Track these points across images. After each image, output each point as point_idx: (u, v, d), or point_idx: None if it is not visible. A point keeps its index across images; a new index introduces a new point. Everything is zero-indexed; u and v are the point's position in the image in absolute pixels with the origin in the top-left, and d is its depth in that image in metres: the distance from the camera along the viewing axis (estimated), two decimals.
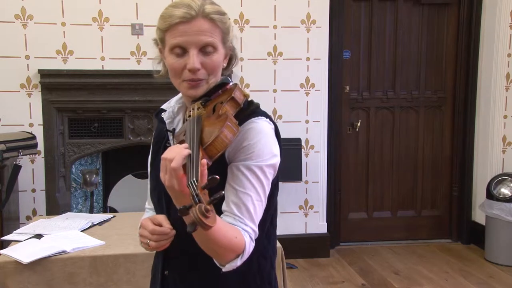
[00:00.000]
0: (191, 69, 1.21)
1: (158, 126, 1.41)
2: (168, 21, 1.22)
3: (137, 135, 3.76)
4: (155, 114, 1.39)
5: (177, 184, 1.03)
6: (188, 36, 1.20)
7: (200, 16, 1.20)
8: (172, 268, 1.32)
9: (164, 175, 1.05)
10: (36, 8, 3.57)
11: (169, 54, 1.24)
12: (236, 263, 1.16)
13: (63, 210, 3.53)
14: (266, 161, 1.19)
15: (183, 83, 1.25)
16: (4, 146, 3.21)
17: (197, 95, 1.24)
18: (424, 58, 4.35)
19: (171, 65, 1.24)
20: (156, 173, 1.31)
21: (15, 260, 2.11)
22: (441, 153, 4.48)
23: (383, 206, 4.45)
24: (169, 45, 1.23)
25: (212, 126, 1.12)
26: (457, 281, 3.66)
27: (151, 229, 1.20)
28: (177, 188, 1.03)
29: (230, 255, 1.15)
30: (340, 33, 4.10)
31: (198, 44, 1.21)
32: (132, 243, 2.30)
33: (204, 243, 1.14)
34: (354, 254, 4.17)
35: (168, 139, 1.33)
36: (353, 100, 4.30)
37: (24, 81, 3.60)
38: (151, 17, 3.68)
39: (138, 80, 3.64)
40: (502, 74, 4.12)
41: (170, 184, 1.04)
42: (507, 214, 3.82)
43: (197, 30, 1.20)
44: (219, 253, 1.14)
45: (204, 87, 1.25)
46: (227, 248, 1.13)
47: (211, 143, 1.07)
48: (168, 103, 1.39)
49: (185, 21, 1.20)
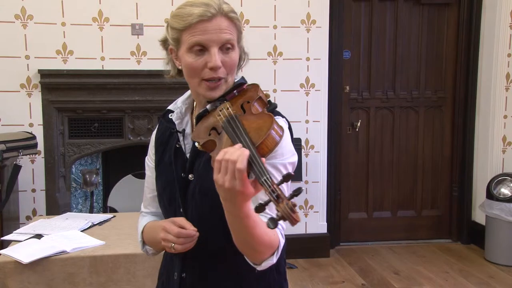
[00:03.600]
0: (213, 67, 1.20)
1: (161, 127, 1.39)
2: (187, 20, 1.20)
3: (137, 135, 3.76)
4: (162, 115, 1.38)
5: (240, 184, 1.00)
6: (209, 34, 1.20)
7: (219, 14, 1.21)
8: (191, 271, 1.31)
9: (223, 176, 1.02)
10: (36, 8, 3.57)
11: (186, 53, 1.23)
12: (273, 260, 1.17)
13: (63, 210, 3.53)
14: (289, 159, 1.21)
15: (202, 83, 1.24)
16: (4, 146, 3.21)
17: (216, 96, 1.24)
18: (424, 58, 4.35)
19: (189, 64, 1.23)
20: (166, 175, 1.32)
21: (15, 260, 2.10)
22: (441, 153, 4.48)
23: (383, 206, 4.45)
24: (187, 43, 1.22)
25: (255, 125, 1.11)
26: (457, 281, 3.66)
27: (177, 232, 1.20)
28: (239, 188, 1.01)
29: (267, 253, 1.16)
30: (340, 33, 4.10)
31: (219, 41, 1.21)
32: (132, 243, 2.29)
33: (246, 242, 1.13)
34: (354, 254, 4.17)
35: (178, 140, 1.32)
36: (353, 100, 4.30)
37: (24, 81, 3.60)
38: (151, 17, 3.69)
39: (138, 80, 3.64)
40: (502, 74, 4.12)
41: (231, 185, 1.01)
42: (507, 214, 3.82)
43: (218, 28, 1.20)
44: (259, 251, 1.15)
45: (223, 87, 1.25)
46: (266, 245, 1.14)
47: (263, 141, 1.06)
48: (174, 104, 1.38)
49: (205, 19, 1.19)
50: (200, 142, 1.18)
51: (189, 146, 1.30)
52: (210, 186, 1.19)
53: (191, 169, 1.27)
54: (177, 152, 1.31)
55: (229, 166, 1.01)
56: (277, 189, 0.96)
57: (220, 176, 1.02)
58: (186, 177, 1.28)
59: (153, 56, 3.68)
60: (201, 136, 1.19)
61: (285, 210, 0.93)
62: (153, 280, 2.16)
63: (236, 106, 1.20)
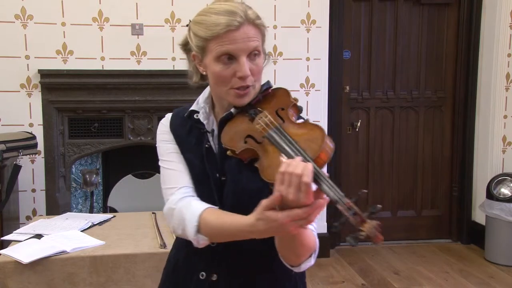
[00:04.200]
0: (243, 76, 1.20)
1: (176, 122, 1.35)
2: (215, 30, 1.19)
3: (137, 135, 3.75)
4: (187, 115, 1.33)
5: (305, 197, 1.02)
6: (238, 43, 1.19)
7: (246, 22, 1.20)
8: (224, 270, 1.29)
9: (287, 188, 1.02)
10: (36, 8, 3.57)
11: (214, 62, 1.22)
12: (311, 262, 1.19)
13: (63, 210, 3.53)
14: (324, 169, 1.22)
15: (230, 91, 1.23)
16: (4, 146, 3.21)
17: (245, 103, 1.24)
18: (424, 58, 4.35)
19: (218, 73, 1.22)
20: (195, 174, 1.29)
21: (15, 260, 2.10)
22: (441, 153, 4.48)
23: (383, 206, 4.42)
24: (215, 53, 1.21)
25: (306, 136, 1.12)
26: (457, 281, 3.66)
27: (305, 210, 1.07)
28: (303, 201, 1.02)
29: (307, 254, 1.18)
30: (340, 33, 4.10)
31: (247, 50, 1.20)
32: (132, 243, 2.30)
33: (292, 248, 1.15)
34: (354, 254, 4.17)
35: (208, 140, 1.30)
36: (353, 100, 4.30)
37: (24, 81, 3.60)
38: (151, 17, 3.68)
39: (138, 80, 3.64)
40: (502, 74, 4.12)
41: (296, 197, 1.02)
42: (507, 214, 3.82)
43: (246, 36, 1.20)
44: (301, 253, 1.16)
45: (251, 94, 1.25)
46: (310, 247, 1.16)
47: (319, 155, 1.07)
48: (196, 104, 1.35)
49: (233, 29, 1.18)
50: (236, 150, 1.18)
51: (216, 146, 1.30)
52: (244, 187, 1.22)
53: (222, 170, 1.27)
54: (208, 152, 1.29)
55: (293, 179, 1.01)
56: (353, 207, 0.98)
57: (284, 188, 1.03)
58: (219, 178, 1.27)
59: (153, 56, 3.68)
60: (236, 144, 1.20)
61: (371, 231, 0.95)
62: (153, 280, 2.17)
63: (273, 114, 1.20)
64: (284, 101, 1.24)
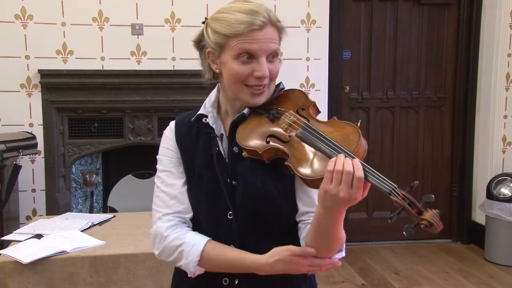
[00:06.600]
0: (261, 76, 1.22)
1: (182, 129, 1.33)
2: (238, 28, 1.19)
3: (137, 135, 3.75)
4: (194, 119, 1.31)
5: (357, 193, 1.04)
6: (260, 43, 1.20)
7: (269, 23, 1.22)
8: (243, 275, 1.27)
9: (336, 187, 1.04)
10: (36, 8, 3.57)
11: (233, 59, 1.22)
12: (342, 253, 1.22)
13: (63, 210, 3.53)
14: None
15: (245, 89, 1.24)
16: (4, 146, 3.21)
17: (260, 103, 1.26)
18: (424, 58, 4.35)
19: (235, 70, 1.22)
20: (207, 180, 1.27)
21: (15, 260, 2.10)
22: (441, 153, 4.48)
23: (383, 206, 4.44)
24: (235, 50, 1.21)
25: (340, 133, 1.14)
26: (457, 281, 3.66)
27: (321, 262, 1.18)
28: (355, 197, 1.05)
29: (339, 248, 1.20)
30: (340, 33, 4.10)
31: (268, 51, 1.22)
32: (132, 243, 2.29)
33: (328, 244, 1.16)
34: (354, 254, 4.17)
35: (217, 145, 1.28)
36: (353, 100, 4.30)
37: (24, 81, 3.60)
38: (151, 17, 3.68)
39: (138, 80, 3.64)
40: (502, 74, 4.12)
41: (348, 194, 1.04)
42: (507, 214, 3.81)
43: (268, 37, 1.22)
44: (333, 248, 1.18)
45: (266, 94, 1.26)
46: (341, 241, 1.18)
47: (357, 151, 1.09)
48: (203, 107, 1.33)
49: (257, 29, 1.19)
50: (259, 150, 1.18)
51: (226, 151, 1.29)
52: (258, 191, 1.23)
53: (233, 174, 1.27)
54: (218, 157, 1.28)
55: (344, 176, 1.03)
56: (409, 197, 1.01)
57: (333, 186, 1.05)
58: (231, 182, 1.27)
59: (153, 56, 3.67)
60: (257, 144, 1.19)
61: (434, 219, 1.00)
62: (153, 280, 2.17)
63: (295, 113, 1.22)
64: (303, 102, 1.26)
